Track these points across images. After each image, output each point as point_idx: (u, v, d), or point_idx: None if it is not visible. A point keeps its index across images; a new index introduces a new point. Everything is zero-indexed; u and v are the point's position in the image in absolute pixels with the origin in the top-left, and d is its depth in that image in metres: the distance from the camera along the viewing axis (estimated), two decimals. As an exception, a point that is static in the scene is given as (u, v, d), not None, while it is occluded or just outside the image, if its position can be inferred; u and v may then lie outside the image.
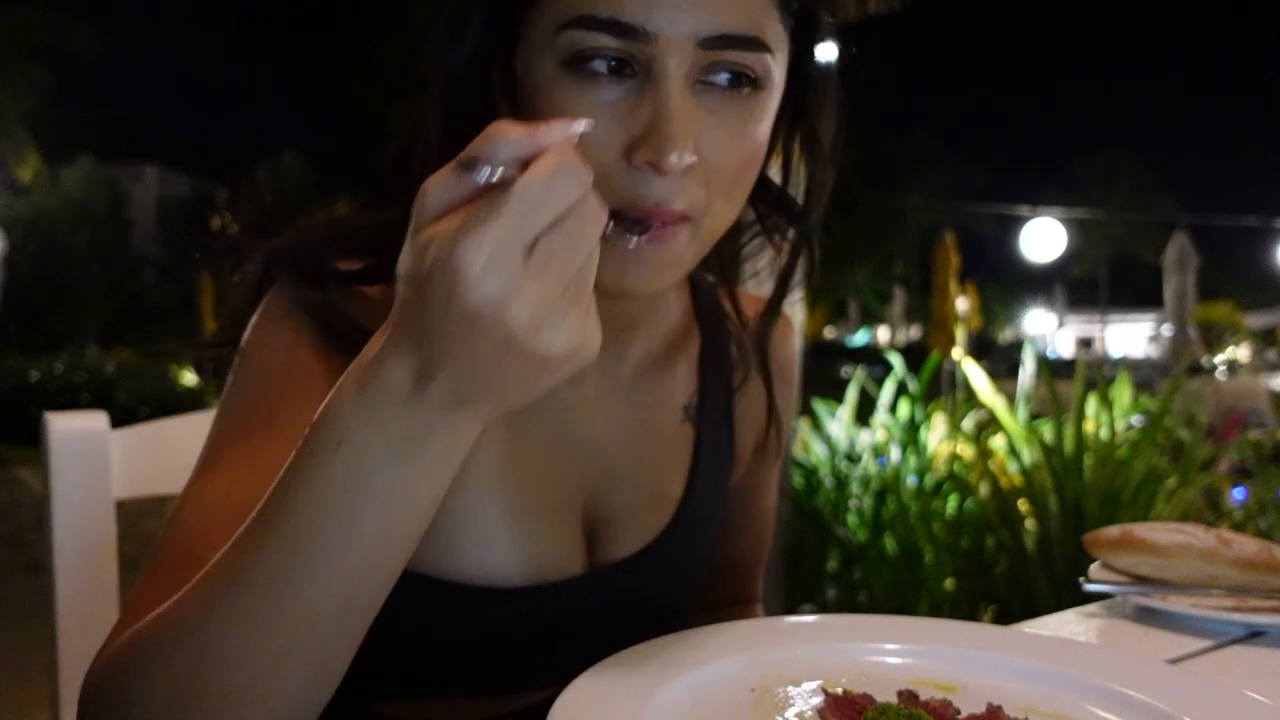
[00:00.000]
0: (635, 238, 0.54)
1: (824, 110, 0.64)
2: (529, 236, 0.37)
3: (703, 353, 0.75)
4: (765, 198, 0.68)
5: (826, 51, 0.62)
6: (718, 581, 0.87)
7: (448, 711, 0.68)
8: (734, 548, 0.85)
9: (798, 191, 0.68)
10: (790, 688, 0.54)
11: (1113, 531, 0.82)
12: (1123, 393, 3.09)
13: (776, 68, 0.57)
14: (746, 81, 0.55)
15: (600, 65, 0.53)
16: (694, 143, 0.53)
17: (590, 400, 0.69)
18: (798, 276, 0.70)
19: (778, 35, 0.56)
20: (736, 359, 0.77)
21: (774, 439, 0.81)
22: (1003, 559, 2.55)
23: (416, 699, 0.68)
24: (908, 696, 0.51)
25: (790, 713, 0.51)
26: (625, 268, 0.55)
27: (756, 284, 0.78)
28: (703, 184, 0.55)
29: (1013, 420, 2.86)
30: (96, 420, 0.86)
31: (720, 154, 0.55)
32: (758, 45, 0.54)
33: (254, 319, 0.63)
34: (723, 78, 0.55)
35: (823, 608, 2.97)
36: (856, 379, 3.47)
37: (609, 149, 0.53)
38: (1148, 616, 0.76)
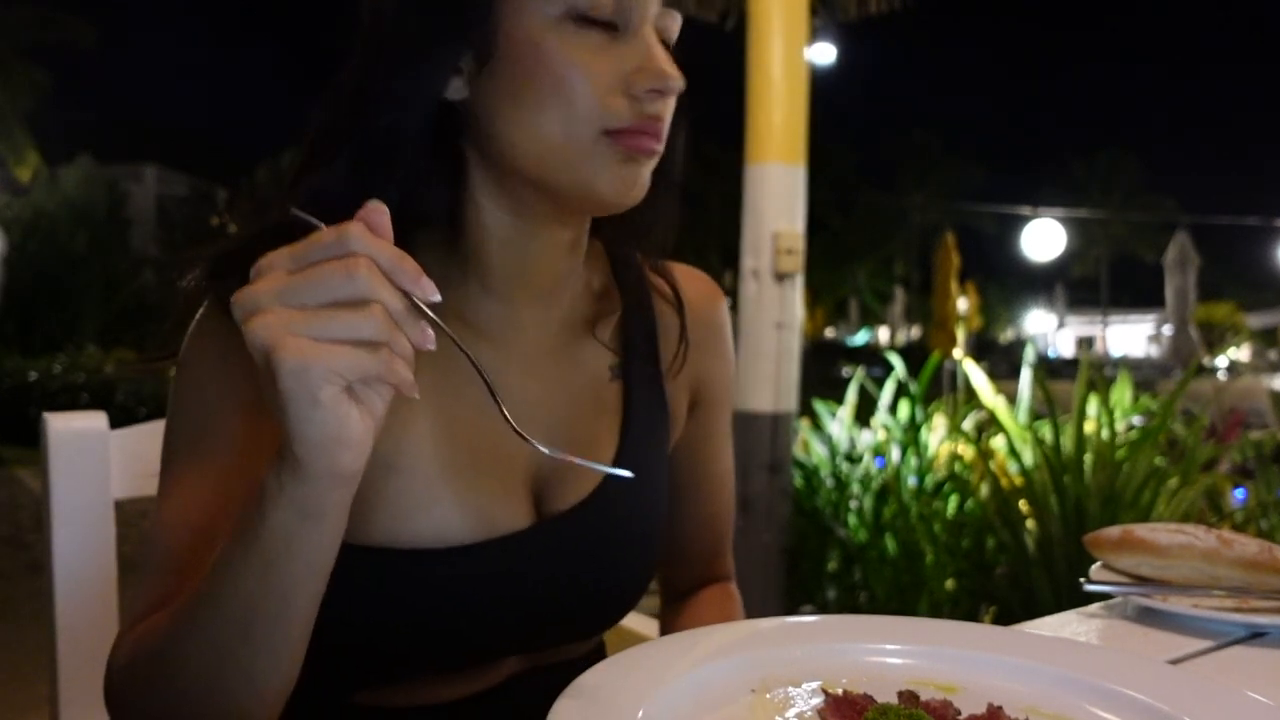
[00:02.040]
0: (631, 149, 0.63)
1: None
2: (294, 298, 0.45)
3: (625, 317, 0.79)
4: None
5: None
6: (687, 555, 0.89)
7: (427, 694, 0.70)
8: (693, 508, 0.87)
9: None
10: (790, 688, 0.54)
11: (1113, 532, 0.82)
12: (1124, 393, 3.08)
13: None
14: (666, 46, 0.66)
15: (595, 16, 0.62)
16: None
17: (518, 363, 0.72)
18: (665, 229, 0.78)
19: None
20: (659, 321, 0.81)
21: (718, 393, 0.85)
22: (1003, 559, 2.54)
23: (395, 683, 0.69)
24: (908, 697, 0.51)
25: (790, 713, 0.51)
26: (617, 183, 0.64)
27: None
28: (668, 117, 0.65)
29: (1013, 421, 2.86)
30: (96, 420, 0.86)
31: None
32: (683, 10, 0.67)
33: (190, 331, 0.67)
34: (664, 44, 0.66)
35: (823, 608, 2.97)
36: (857, 379, 3.46)
37: (613, 84, 0.63)
38: (1149, 617, 0.76)
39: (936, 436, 3.10)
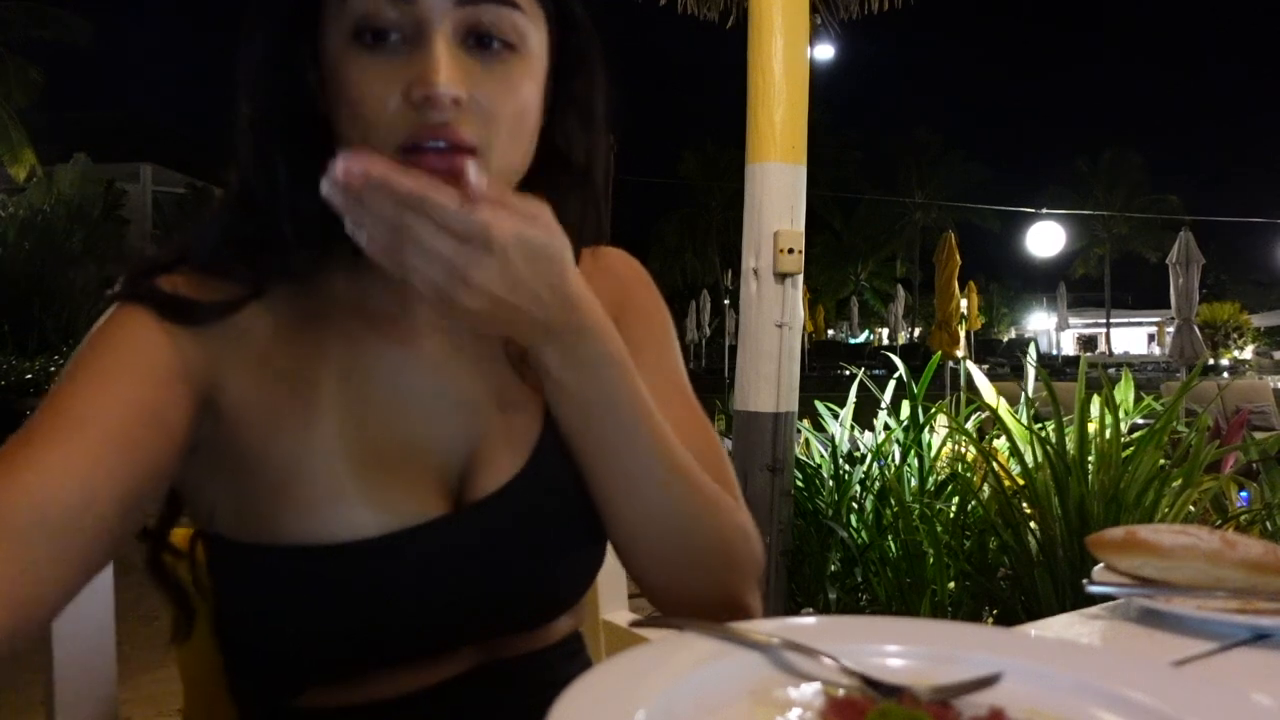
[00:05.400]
0: (435, 169, 0.59)
1: (594, 84, 0.73)
2: None
3: None
4: (553, 162, 0.72)
5: (588, 36, 0.72)
6: None
7: (382, 688, 0.69)
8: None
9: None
10: (790, 689, 0.54)
11: (1116, 533, 0.82)
12: (1127, 393, 3.07)
13: (533, 32, 0.66)
14: (503, 44, 0.64)
15: (380, 32, 0.61)
16: (465, 84, 0.61)
17: (428, 362, 0.72)
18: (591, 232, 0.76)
19: (530, 3, 0.65)
20: None
21: (645, 356, 0.78)
22: (1006, 561, 2.54)
23: (344, 682, 0.69)
24: (909, 699, 0.51)
25: (791, 714, 0.51)
26: None
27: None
28: (482, 122, 0.62)
29: (1015, 421, 2.85)
30: (93, 420, 0.86)
31: (492, 99, 0.63)
32: (508, 3, 0.63)
33: (104, 320, 0.67)
34: (484, 39, 0.63)
35: (825, 610, 2.96)
36: (858, 379, 3.46)
37: (392, 98, 0.61)
38: (1152, 619, 0.76)
39: (939, 437, 3.09)
